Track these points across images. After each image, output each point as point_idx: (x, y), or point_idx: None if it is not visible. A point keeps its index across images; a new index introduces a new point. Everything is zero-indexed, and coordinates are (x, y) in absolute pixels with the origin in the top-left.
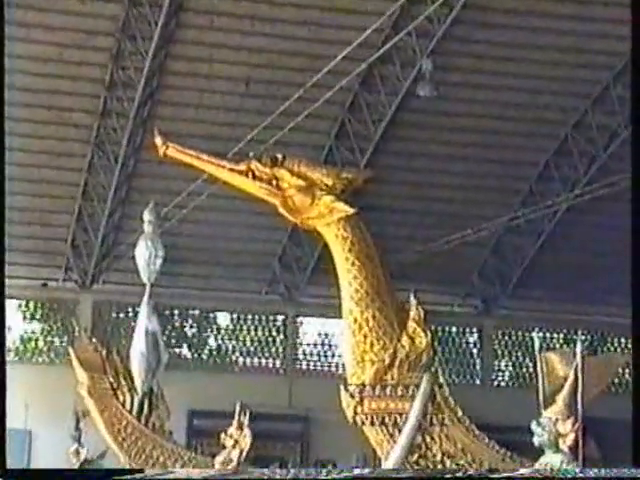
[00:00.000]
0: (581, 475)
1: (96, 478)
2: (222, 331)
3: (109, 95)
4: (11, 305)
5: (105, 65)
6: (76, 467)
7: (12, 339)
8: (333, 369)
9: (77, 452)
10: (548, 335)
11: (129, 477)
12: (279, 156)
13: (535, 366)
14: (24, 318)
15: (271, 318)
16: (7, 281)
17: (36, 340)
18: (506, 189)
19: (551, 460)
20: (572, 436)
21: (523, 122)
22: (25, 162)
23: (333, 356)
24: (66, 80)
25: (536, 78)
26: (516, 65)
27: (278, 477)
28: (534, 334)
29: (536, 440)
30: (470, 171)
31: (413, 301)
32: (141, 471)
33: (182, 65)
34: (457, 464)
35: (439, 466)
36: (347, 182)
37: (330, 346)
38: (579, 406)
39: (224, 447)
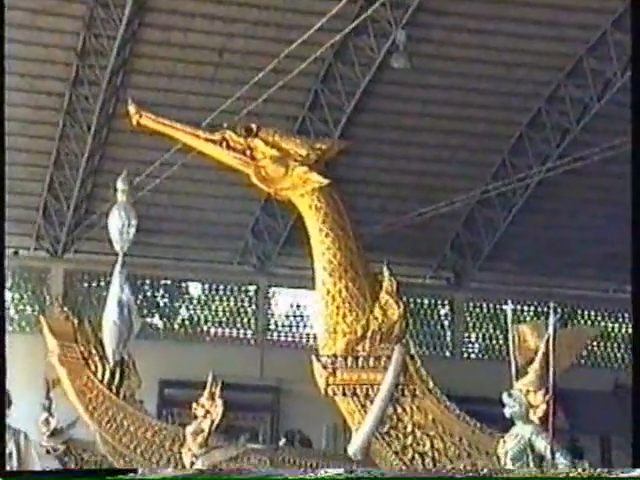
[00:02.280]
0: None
1: (94, 478)
2: (194, 301)
3: (81, 63)
4: None
5: (77, 33)
6: (46, 436)
7: None
8: (305, 340)
9: (47, 421)
10: (519, 308)
11: (129, 477)
12: (253, 126)
13: (506, 338)
14: None
15: (243, 288)
16: None
17: (7, 309)
18: (479, 162)
19: (521, 431)
20: (543, 407)
21: (496, 95)
22: None
23: (305, 327)
24: (38, 47)
25: (510, 51)
26: (490, 37)
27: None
28: (506, 307)
29: (507, 411)
30: (443, 143)
31: (386, 273)
32: (135, 471)
33: (156, 34)
34: (428, 435)
35: (409, 438)
36: (321, 153)
37: (302, 317)
38: (550, 378)
39: (195, 417)
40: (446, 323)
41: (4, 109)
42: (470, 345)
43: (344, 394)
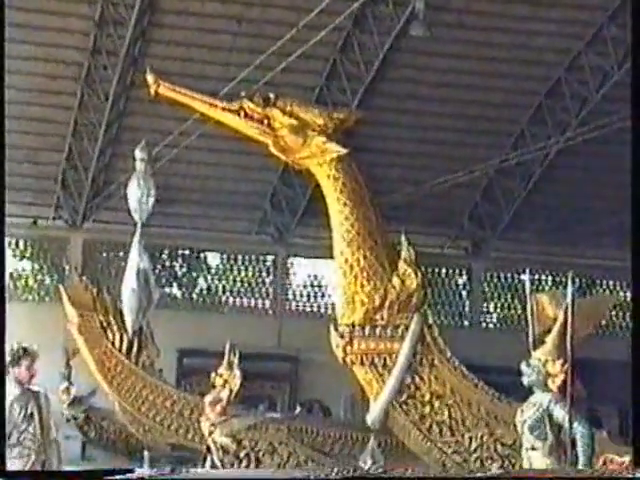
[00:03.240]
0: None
1: (95, 478)
2: (212, 271)
3: (100, 32)
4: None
5: (95, 1)
6: (66, 405)
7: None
8: (322, 310)
9: (67, 390)
10: (538, 277)
11: (128, 477)
12: (271, 96)
13: (524, 308)
14: (14, 256)
15: (261, 258)
16: None
17: (26, 278)
18: (498, 131)
19: (540, 400)
20: (561, 376)
21: (516, 64)
22: (15, 99)
23: (323, 297)
24: (56, 16)
25: (529, 19)
26: (509, 6)
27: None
28: (524, 276)
29: (525, 380)
30: (462, 113)
31: (404, 242)
32: (132, 471)
33: (174, 3)
34: (446, 404)
35: (427, 407)
36: (339, 122)
37: (320, 287)
38: (568, 347)
39: (214, 386)
40: (464, 293)
41: (4, 109)
42: (488, 315)
43: (362, 363)
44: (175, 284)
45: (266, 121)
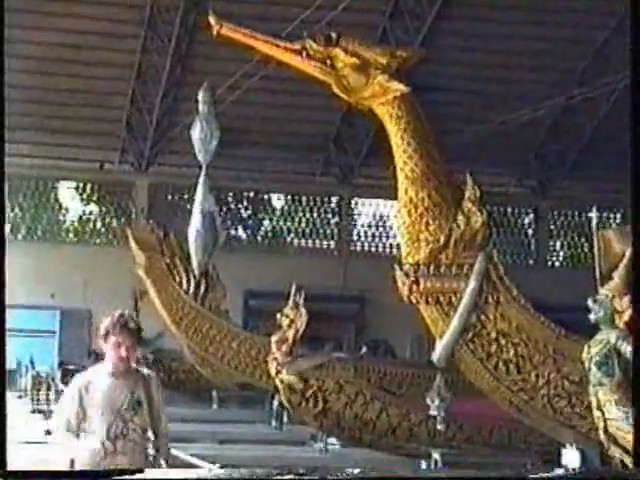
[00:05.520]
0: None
1: (97, 478)
2: (277, 213)
3: None
4: (69, 187)
5: None
6: None
7: (70, 220)
8: (387, 250)
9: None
10: (605, 215)
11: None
12: (333, 35)
13: (591, 246)
14: (82, 200)
15: (325, 200)
16: (64, 163)
17: (94, 222)
18: (563, 68)
19: (607, 337)
20: (629, 312)
21: None
22: (78, 44)
23: (387, 237)
24: None
25: None
26: None
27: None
28: (591, 214)
29: (592, 317)
30: (527, 50)
31: (469, 181)
32: (141, 471)
33: None
34: (512, 342)
35: (493, 345)
36: (402, 61)
37: (384, 227)
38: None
39: (280, 327)
40: (530, 232)
41: (4, 108)
42: (554, 253)
43: (427, 302)
44: (240, 226)
45: (328, 61)
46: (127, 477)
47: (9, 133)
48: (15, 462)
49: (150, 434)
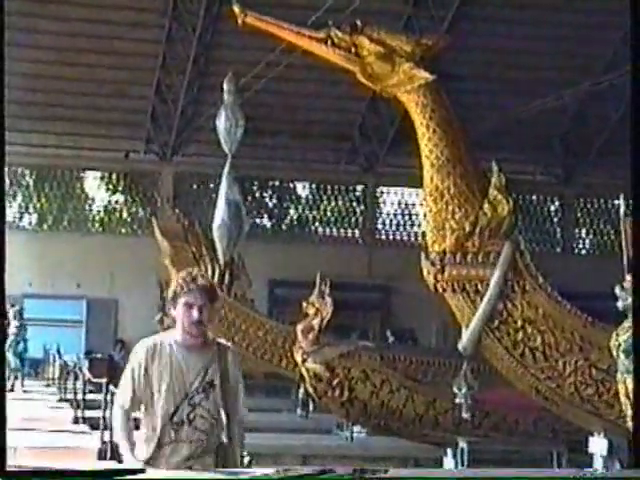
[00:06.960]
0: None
1: (104, 477)
2: (302, 202)
3: None
4: (94, 177)
5: None
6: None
7: (96, 210)
8: (412, 239)
9: (162, 320)
10: (632, 202)
11: (131, 478)
12: (358, 23)
13: (617, 234)
14: (107, 190)
15: (351, 188)
16: (89, 153)
17: (120, 211)
18: (589, 54)
19: None
20: None
21: None
22: (103, 34)
23: (412, 226)
24: None
25: None
26: None
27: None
28: (617, 201)
29: (620, 304)
30: (552, 36)
31: (495, 168)
32: (142, 471)
33: None
34: (539, 330)
35: (520, 333)
36: (427, 48)
37: (409, 216)
38: None
39: (306, 315)
40: (556, 219)
41: (4, 106)
42: (580, 241)
43: (453, 290)
44: (265, 215)
45: (353, 49)
46: (128, 477)
47: (35, 124)
48: (43, 451)
49: (223, 417)
